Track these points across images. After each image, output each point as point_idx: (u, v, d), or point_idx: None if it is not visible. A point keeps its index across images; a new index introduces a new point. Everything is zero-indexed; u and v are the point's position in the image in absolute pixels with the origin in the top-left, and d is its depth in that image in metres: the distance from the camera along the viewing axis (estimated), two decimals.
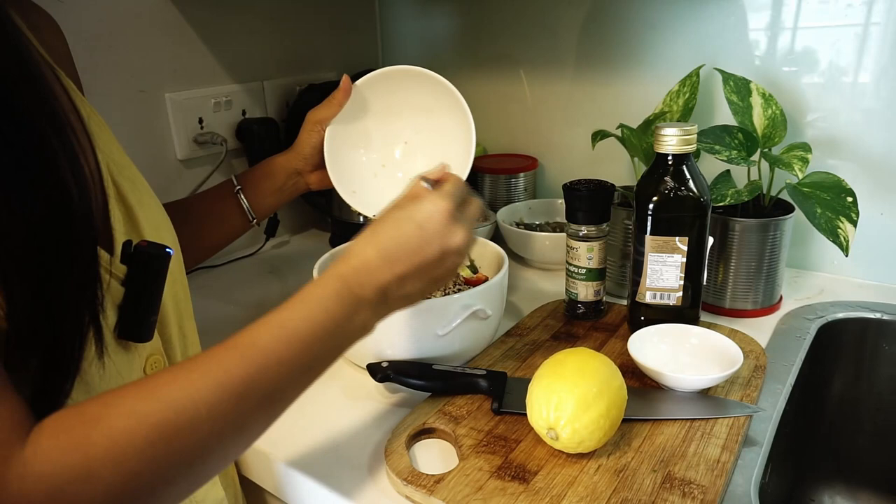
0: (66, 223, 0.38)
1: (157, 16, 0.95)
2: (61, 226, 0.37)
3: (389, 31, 1.31)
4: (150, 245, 0.45)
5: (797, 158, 0.74)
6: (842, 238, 0.70)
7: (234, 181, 0.75)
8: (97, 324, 0.40)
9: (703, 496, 0.50)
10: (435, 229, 0.51)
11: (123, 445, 0.35)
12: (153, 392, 0.37)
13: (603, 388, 0.53)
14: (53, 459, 0.33)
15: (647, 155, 0.83)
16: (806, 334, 0.77)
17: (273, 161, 0.77)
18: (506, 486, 0.52)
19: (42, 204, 0.36)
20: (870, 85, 0.84)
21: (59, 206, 0.37)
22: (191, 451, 0.38)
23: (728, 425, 0.58)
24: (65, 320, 0.37)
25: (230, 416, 0.39)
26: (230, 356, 0.40)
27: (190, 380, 0.38)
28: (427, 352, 0.68)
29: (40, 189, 0.36)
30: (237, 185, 0.75)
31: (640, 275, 0.72)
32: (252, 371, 0.40)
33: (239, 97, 1.07)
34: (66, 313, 0.38)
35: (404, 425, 0.60)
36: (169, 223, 0.55)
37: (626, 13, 1.00)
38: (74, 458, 0.33)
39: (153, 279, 0.46)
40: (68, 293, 0.38)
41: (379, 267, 0.49)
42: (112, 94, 0.91)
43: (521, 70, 1.14)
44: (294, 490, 0.60)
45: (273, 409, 0.43)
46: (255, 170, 0.77)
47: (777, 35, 0.89)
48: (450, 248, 0.51)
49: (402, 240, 0.50)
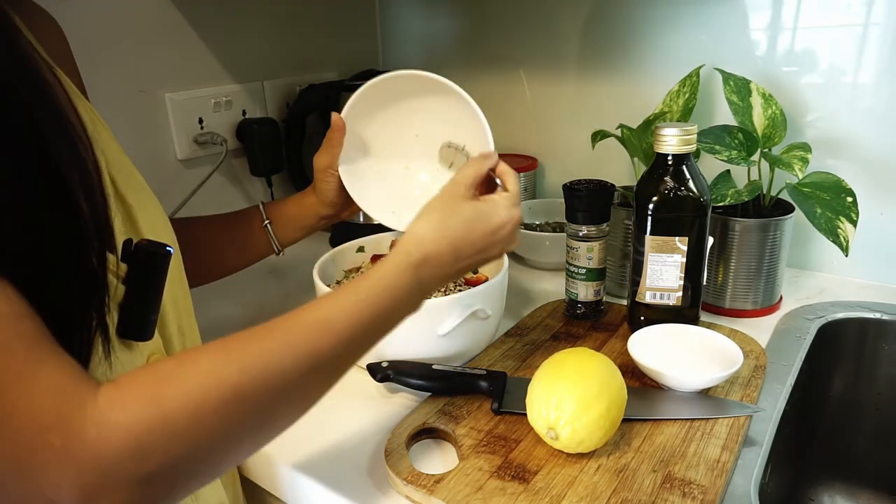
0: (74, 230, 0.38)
1: (157, 16, 0.95)
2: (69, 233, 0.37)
3: (389, 31, 1.31)
4: (151, 244, 0.45)
5: (797, 158, 0.74)
6: (842, 238, 0.70)
7: (263, 213, 0.74)
8: (104, 325, 0.40)
9: (703, 496, 0.50)
10: (503, 236, 0.57)
11: (199, 402, 0.36)
12: (229, 355, 0.39)
13: (603, 388, 0.53)
14: (130, 410, 0.34)
15: (647, 155, 0.83)
16: (806, 334, 0.77)
17: (303, 202, 0.76)
18: (506, 486, 0.52)
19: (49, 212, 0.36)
20: (870, 85, 0.84)
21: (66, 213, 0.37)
22: (260, 414, 0.39)
23: (728, 425, 0.58)
24: (73, 324, 0.38)
25: (300, 384, 0.41)
26: (305, 330, 0.42)
27: (266, 347, 0.40)
28: (427, 352, 0.68)
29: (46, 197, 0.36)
30: (266, 218, 0.74)
31: (640, 275, 0.72)
32: (324, 346, 0.43)
33: (239, 97, 1.07)
34: (75, 317, 0.38)
35: (404, 425, 0.60)
36: (167, 222, 0.55)
37: (626, 13, 1.00)
38: (151, 410, 0.34)
39: (154, 278, 0.45)
40: (77, 298, 0.38)
41: (449, 262, 0.53)
42: (112, 94, 0.91)
43: (521, 70, 1.14)
44: (294, 490, 0.60)
45: (333, 378, 0.46)
46: (287, 205, 0.76)
47: (777, 35, 0.89)
48: (508, 249, 0.59)
49: (473, 239, 0.54)
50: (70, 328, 0.37)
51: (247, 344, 0.40)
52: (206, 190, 1.02)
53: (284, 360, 0.40)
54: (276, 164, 1.10)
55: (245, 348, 0.40)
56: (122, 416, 0.34)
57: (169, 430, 0.35)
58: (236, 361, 0.38)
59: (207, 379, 0.37)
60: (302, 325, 0.43)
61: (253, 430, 0.40)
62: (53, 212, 0.37)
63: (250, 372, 0.38)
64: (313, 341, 0.42)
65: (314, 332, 0.43)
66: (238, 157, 1.10)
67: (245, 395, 0.38)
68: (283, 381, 0.40)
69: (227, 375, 0.37)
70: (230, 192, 1.11)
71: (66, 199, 0.37)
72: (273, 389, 0.39)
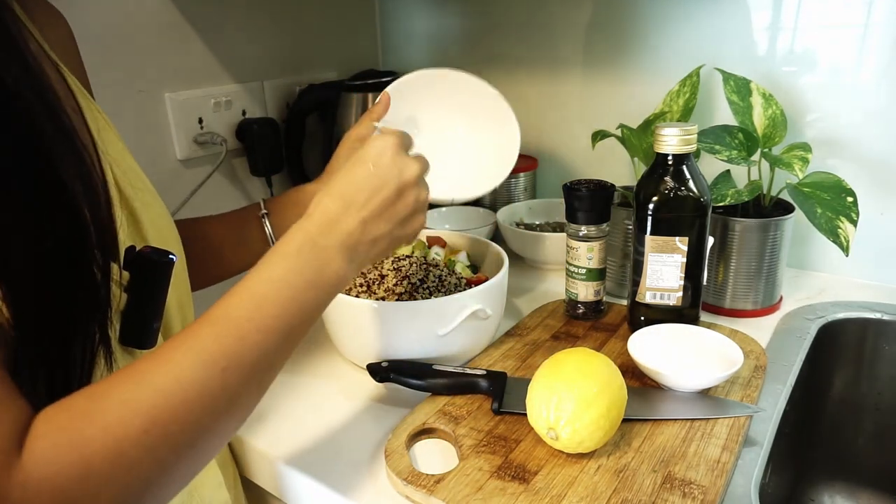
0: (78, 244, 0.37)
1: (157, 16, 0.95)
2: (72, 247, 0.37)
3: (389, 31, 1.31)
4: (154, 251, 0.44)
5: (797, 158, 0.74)
6: (842, 238, 0.70)
7: (262, 205, 0.72)
8: (106, 335, 0.40)
9: (703, 496, 0.50)
10: (387, 164, 0.50)
11: (120, 437, 0.34)
12: (139, 379, 0.36)
13: (603, 388, 0.53)
14: (51, 461, 0.32)
15: (647, 155, 0.83)
16: (806, 334, 0.77)
17: (303, 189, 0.73)
18: (506, 486, 0.52)
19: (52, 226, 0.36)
20: (870, 85, 0.84)
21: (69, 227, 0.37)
22: (187, 432, 0.37)
23: (728, 425, 0.58)
24: (76, 336, 0.37)
25: (218, 391, 0.38)
26: (206, 332, 0.39)
27: (173, 362, 0.37)
28: (427, 352, 0.68)
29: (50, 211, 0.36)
30: (263, 209, 0.72)
31: (640, 275, 0.72)
32: (230, 343, 0.39)
33: (239, 97, 1.07)
34: (78, 330, 0.37)
35: (404, 425, 0.60)
36: (173, 226, 0.55)
37: (626, 13, 1.00)
38: (72, 457, 0.33)
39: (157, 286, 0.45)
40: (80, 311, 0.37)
41: (340, 215, 0.48)
42: (112, 94, 0.91)
43: (522, 70, 1.14)
44: (294, 490, 0.60)
45: (262, 377, 0.42)
46: (284, 196, 0.74)
47: (777, 35, 0.89)
48: (407, 181, 0.51)
49: (358, 183, 0.49)
50: (72, 340, 0.37)
51: (154, 363, 0.37)
52: (206, 190, 1.02)
53: (196, 370, 0.37)
54: (276, 164, 1.10)
55: (153, 368, 0.37)
56: (45, 471, 0.32)
57: (94, 478, 0.33)
58: (148, 384, 0.36)
59: (123, 409, 0.35)
60: (202, 328, 0.40)
61: (184, 451, 0.37)
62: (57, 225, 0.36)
63: (164, 391, 0.36)
64: (217, 341, 0.39)
65: (216, 331, 0.40)
66: (238, 157, 1.10)
67: (164, 418, 0.36)
68: (199, 392, 0.37)
69: (140, 401, 0.35)
70: (230, 192, 1.11)
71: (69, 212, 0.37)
72: (192, 403, 0.37)
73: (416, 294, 0.72)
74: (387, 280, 0.73)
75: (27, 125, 0.36)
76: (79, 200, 0.37)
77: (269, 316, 0.42)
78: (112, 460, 0.34)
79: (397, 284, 0.72)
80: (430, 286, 0.73)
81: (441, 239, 0.85)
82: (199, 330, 0.40)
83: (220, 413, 0.39)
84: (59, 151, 0.37)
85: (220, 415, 0.39)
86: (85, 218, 0.38)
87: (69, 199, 0.37)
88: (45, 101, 0.37)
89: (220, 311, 0.41)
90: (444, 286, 0.73)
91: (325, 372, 0.74)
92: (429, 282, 0.73)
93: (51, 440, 0.33)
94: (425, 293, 0.72)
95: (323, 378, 0.72)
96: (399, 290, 0.72)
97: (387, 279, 0.73)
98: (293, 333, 0.44)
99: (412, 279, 0.73)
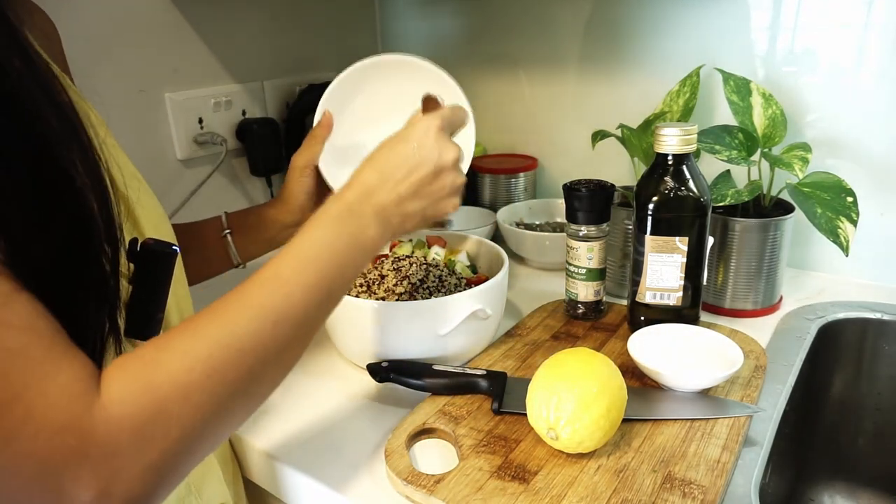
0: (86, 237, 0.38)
1: (157, 16, 0.95)
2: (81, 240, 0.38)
3: (389, 30, 1.31)
4: (157, 243, 0.45)
5: (797, 158, 0.74)
6: (842, 238, 0.70)
7: (224, 222, 0.72)
8: (116, 326, 0.41)
9: (703, 496, 0.50)
10: (430, 145, 0.53)
11: (185, 382, 0.37)
12: (197, 332, 0.40)
13: (603, 388, 0.53)
14: (128, 402, 0.35)
15: (647, 155, 0.83)
16: (806, 334, 0.77)
17: (264, 214, 0.74)
18: (506, 486, 0.52)
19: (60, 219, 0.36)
20: (870, 85, 0.84)
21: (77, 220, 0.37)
22: (243, 379, 0.41)
23: (728, 425, 0.58)
24: (87, 327, 0.38)
25: (269, 342, 0.42)
26: (258, 290, 0.43)
27: (228, 317, 0.41)
28: (427, 352, 0.68)
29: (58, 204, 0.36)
30: (226, 227, 0.72)
31: (640, 275, 0.72)
32: (279, 299, 0.43)
33: (239, 97, 1.07)
34: (90, 322, 0.39)
35: (404, 425, 0.60)
36: (167, 220, 0.55)
37: (626, 13, 1.00)
38: (146, 399, 0.36)
39: (160, 277, 0.46)
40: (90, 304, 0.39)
41: (377, 187, 0.51)
42: (112, 94, 0.91)
43: (521, 70, 1.14)
44: (294, 490, 0.60)
45: (307, 331, 0.46)
46: (248, 215, 0.74)
47: (777, 35, 0.89)
48: (444, 164, 0.54)
49: (399, 160, 0.53)
50: (84, 332, 0.38)
51: (209, 317, 0.41)
52: (206, 190, 1.02)
53: (249, 323, 0.41)
54: (276, 164, 1.10)
55: (209, 322, 0.41)
56: (124, 410, 0.35)
57: (165, 416, 0.36)
58: (205, 336, 0.40)
59: (185, 358, 0.38)
60: (254, 286, 0.44)
61: (239, 396, 0.41)
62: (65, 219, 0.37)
63: (220, 343, 0.40)
64: (268, 298, 0.43)
65: (267, 289, 0.43)
66: (238, 157, 1.10)
67: (222, 366, 0.39)
68: (253, 343, 0.41)
69: (200, 351, 0.39)
70: (230, 192, 1.11)
71: (77, 205, 0.38)
72: (246, 353, 0.40)
73: (416, 294, 0.72)
74: (387, 280, 0.73)
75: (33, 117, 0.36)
76: (86, 193, 0.38)
77: (312, 274, 0.46)
78: (181, 402, 0.37)
79: (397, 284, 0.72)
80: (430, 286, 0.73)
81: (441, 239, 0.85)
82: (250, 289, 0.43)
83: (270, 363, 0.43)
84: (65, 144, 0.37)
85: (270, 364, 0.43)
86: (93, 210, 0.38)
87: (77, 191, 0.37)
88: (47, 93, 0.38)
89: (270, 272, 0.45)
90: (444, 286, 0.73)
91: (325, 372, 0.74)
92: (429, 282, 0.73)
93: (126, 384, 0.36)
94: (425, 293, 0.72)
95: (323, 378, 0.72)
96: (399, 290, 0.72)
97: (387, 279, 0.73)
98: (333, 291, 0.48)
99: (412, 279, 0.73)
